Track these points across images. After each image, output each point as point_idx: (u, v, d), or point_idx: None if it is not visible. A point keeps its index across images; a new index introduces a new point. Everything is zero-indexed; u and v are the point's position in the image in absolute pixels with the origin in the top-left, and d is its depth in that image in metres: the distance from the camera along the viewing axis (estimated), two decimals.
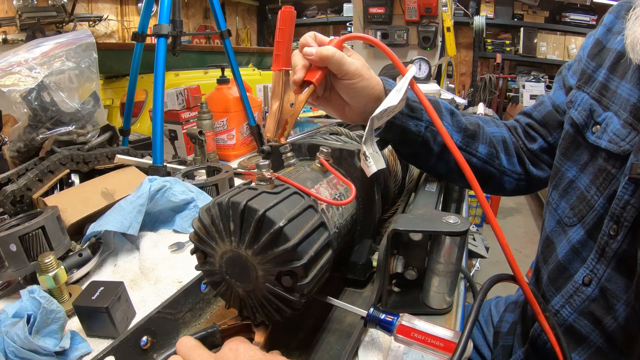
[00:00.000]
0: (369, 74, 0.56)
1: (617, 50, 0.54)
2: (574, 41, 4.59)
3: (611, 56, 0.55)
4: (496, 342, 0.80)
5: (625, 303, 0.48)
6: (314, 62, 0.52)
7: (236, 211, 0.38)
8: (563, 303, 0.56)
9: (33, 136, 0.90)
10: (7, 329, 0.45)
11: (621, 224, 0.48)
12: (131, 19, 4.07)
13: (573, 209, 0.57)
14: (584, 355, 0.53)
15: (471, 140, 0.67)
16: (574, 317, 0.54)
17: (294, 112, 0.52)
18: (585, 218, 0.54)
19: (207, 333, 0.44)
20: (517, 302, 0.82)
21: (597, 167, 0.54)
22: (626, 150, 0.49)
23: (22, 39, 2.86)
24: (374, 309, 0.46)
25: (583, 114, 0.57)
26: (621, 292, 0.48)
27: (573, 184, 0.58)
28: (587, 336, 0.52)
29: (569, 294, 0.55)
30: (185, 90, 1.32)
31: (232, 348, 0.36)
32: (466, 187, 0.81)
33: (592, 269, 0.52)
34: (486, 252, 2.07)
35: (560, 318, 0.56)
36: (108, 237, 0.74)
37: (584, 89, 0.58)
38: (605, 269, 0.50)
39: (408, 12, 2.63)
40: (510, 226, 3.13)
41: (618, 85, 0.53)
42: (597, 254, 0.51)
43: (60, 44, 0.94)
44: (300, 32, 2.50)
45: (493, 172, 0.70)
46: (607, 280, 0.50)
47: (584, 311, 0.53)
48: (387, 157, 0.74)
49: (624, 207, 0.47)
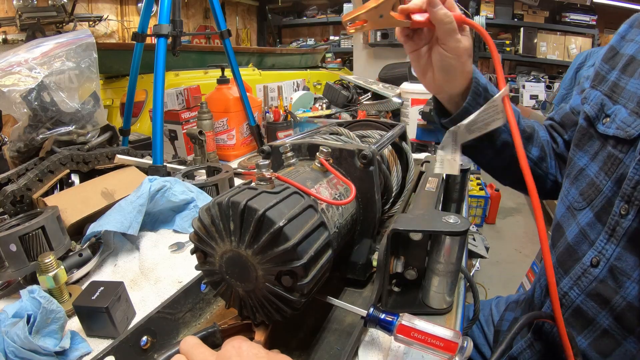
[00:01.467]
0: (465, 58, 0.60)
1: (629, 54, 0.59)
2: (574, 41, 4.59)
3: (623, 60, 0.60)
4: (497, 341, 0.82)
5: (636, 280, 0.50)
6: (432, 17, 0.54)
7: (236, 211, 0.38)
8: (571, 285, 0.58)
9: (33, 136, 0.90)
10: (7, 329, 0.45)
11: (632, 203, 0.51)
12: (131, 19, 4.07)
13: (582, 194, 0.60)
14: (590, 337, 0.55)
15: (526, 142, 0.72)
16: (581, 299, 0.56)
17: (377, 22, 0.52)
18: (594, 201, 0.57)
19: (207, 333, 0.44)
20: (518, 302, 0.84)
21: (606, 154, 0.57)
22: (632, 135, 0.52)
23: (22, 39, 2.86)
24: (374, 309, 0.46)
25: (595, 107, 0.61)
26: (631, 269, 0.51)
27: (583, 171, 0.61)
28: (593, 318, 0.55)
29: (577, 276, 0.57)
30: (185, 90, 1.32)
31: (235, 346, 0.36)
32: (513, 186, 0.83)
33: (600, 249, 0.54)
34: (486, 252, 2.07)
35: (569, 300, 0.58)
36: (108, 237, 0.74)
37: (597, 88, 0.63)
38: (615, 248, 0.52)
39: None
40: (510, 226, 3.13)
41: (627, 82, 0.57)
42: (607, 234, 0.54)
43: (60, 44, 0.94)
44: (301, 32, 2.51)
45: (540, 174, 0.74)
46: (616, 259, 0.52)
47: (592, 292, 0.55)
48: (387, 157, 0.74)
49: (634, 187, 0.50)
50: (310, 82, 2.56)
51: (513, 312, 0.83)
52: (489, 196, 2.94)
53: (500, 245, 2.82)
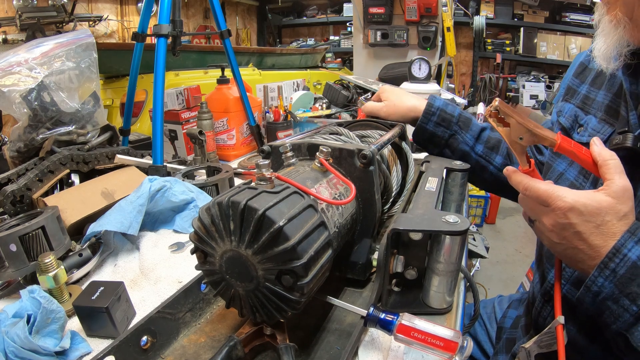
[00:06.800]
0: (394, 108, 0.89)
1: (596, 69, 0.66)
2: (574, 41, 4.59)
3: (592, 74, 0.69)
4: (499, 337, 0.85)
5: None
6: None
7: (236, 210, 0.38)
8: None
9: (33, 136, 0.90)
10: (7, 329, 0.45)
11: None
12: (131, 19, 4.07)
13: None
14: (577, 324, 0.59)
15: (490, 151, 0.85)
16: (567, 288, 0.60)
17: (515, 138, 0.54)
18: None
19: (229, 348, 0.44)
20: (521, 300, 0.87)
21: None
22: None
23: (22, 39, 2.86)
24: (374, 309, 0.46)
25: (569, 119, 0.70)
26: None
27: (563, 175, 0.68)
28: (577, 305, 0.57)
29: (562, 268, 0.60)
30: (185, 90, 1.32)
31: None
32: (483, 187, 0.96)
33: None
34: (486, 252, 2.07)
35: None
36: (108, 237, 0.74)
37: (569, 101, 0.72)
38: None
39: (408, 12, 2.63)
40: (510, 226, 3.13)
41: (597, 94, 0.66)
42: None
43: (60, 44, 0.94)
44: (301, 32, 2.52)
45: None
46: None
47: (575, 281, 0.59)
48: (387, 157, 0.74)
49: None
50: (310, 82, 2.56)
51: (516, 309, 0.85)
52: (489, 196, 2.94)
53: (500, 245, 2.82)
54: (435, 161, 0.77)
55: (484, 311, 0.95)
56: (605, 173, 0.47)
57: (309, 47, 4.58)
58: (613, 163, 0.47)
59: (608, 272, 0.44)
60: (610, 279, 0.44)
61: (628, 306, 0.43)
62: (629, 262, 0.43)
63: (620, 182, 0.46)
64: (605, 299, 0.45)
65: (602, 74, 0.64)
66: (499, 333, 0.85)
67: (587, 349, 0.59)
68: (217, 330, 0.53)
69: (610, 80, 0.63)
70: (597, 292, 0.46)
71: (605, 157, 0.48)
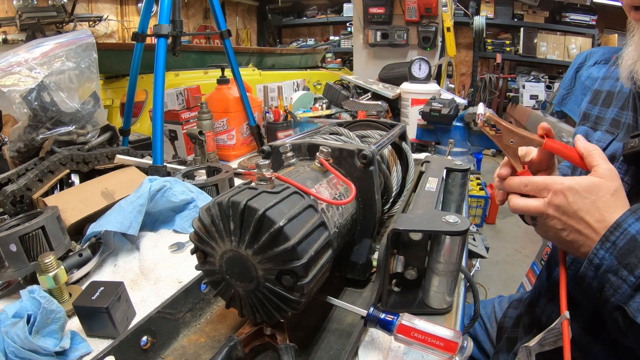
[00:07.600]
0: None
1: (606, 90, 0.71)
2: (574, 41, 4.59)
3: (603, 95, 0.72)
4: (500, 337, 0.85)
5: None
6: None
7: (236, 211, 0.38)
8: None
9: (33, 136, 0.90)
10: (7, 329, 0.45)
11: None
12: (131, 19, 4.07)
13: None
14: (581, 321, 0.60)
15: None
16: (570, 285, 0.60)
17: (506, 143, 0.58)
18: None
19: (229, 348, 0.44)
20: (521, 300, 0.87)
21: None
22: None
23: (22, 39, 2.86)
24: (374, 309, 0.46)
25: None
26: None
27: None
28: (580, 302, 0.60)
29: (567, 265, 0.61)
30: (185, 90, 1.32)
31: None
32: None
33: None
34: (486, 252, 2.06)
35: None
36: (108, 237, 0.74)
37: (584, 124, 0.76)
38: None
39: (408, 12, 2.64)
40: (510, 226, 3.13)
41: (606, 112, 0.70)
42: None
43: (60, 44, 0.94)
44: (301, 32, 2.52)
45: None
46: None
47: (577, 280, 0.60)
48: (387, 157, 0.74)
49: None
50: (310, 82, 2.56)
51: (516, 309, 0.85)
52: (489, 196, 2.94)
53: (500, 245, 2.82)
54: (435, 161, 0.77)
55: (484, 311, 0.95)
56: (591, 161, 0.52)
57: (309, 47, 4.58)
58: (597, 152, 0.53)
59: (609, 245, 0.47)
60: (611, 251, 0.47)
61: (626, 277, 0.46)
62: (628, 235, 0.46)
63: (605, 165, 0.51)
64: (606, 271, 0.47)
65: (611, 94, 0.69)
66: (500, 333, 0.86)
67: (590, 348, 0.60)
68: (217, 330, 0.53)
69: (618, 96, 0.67)
70: (599, 265, 0.48)
71: (589, 148, 0.53)
